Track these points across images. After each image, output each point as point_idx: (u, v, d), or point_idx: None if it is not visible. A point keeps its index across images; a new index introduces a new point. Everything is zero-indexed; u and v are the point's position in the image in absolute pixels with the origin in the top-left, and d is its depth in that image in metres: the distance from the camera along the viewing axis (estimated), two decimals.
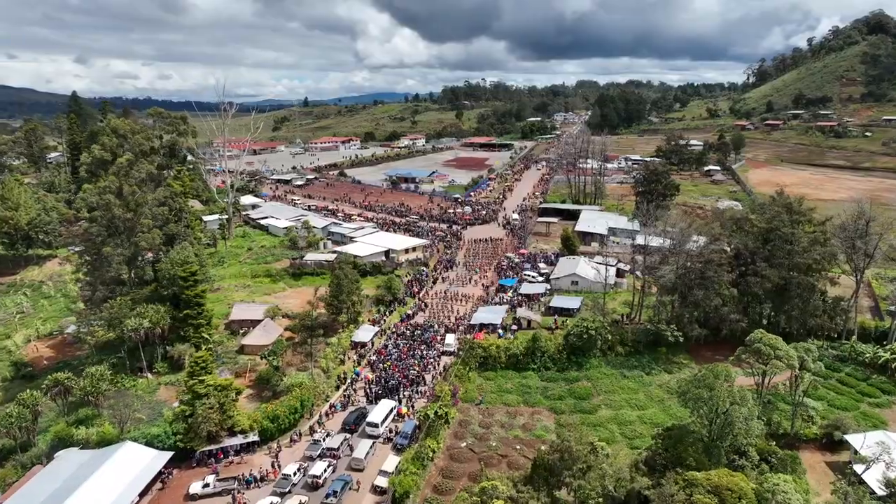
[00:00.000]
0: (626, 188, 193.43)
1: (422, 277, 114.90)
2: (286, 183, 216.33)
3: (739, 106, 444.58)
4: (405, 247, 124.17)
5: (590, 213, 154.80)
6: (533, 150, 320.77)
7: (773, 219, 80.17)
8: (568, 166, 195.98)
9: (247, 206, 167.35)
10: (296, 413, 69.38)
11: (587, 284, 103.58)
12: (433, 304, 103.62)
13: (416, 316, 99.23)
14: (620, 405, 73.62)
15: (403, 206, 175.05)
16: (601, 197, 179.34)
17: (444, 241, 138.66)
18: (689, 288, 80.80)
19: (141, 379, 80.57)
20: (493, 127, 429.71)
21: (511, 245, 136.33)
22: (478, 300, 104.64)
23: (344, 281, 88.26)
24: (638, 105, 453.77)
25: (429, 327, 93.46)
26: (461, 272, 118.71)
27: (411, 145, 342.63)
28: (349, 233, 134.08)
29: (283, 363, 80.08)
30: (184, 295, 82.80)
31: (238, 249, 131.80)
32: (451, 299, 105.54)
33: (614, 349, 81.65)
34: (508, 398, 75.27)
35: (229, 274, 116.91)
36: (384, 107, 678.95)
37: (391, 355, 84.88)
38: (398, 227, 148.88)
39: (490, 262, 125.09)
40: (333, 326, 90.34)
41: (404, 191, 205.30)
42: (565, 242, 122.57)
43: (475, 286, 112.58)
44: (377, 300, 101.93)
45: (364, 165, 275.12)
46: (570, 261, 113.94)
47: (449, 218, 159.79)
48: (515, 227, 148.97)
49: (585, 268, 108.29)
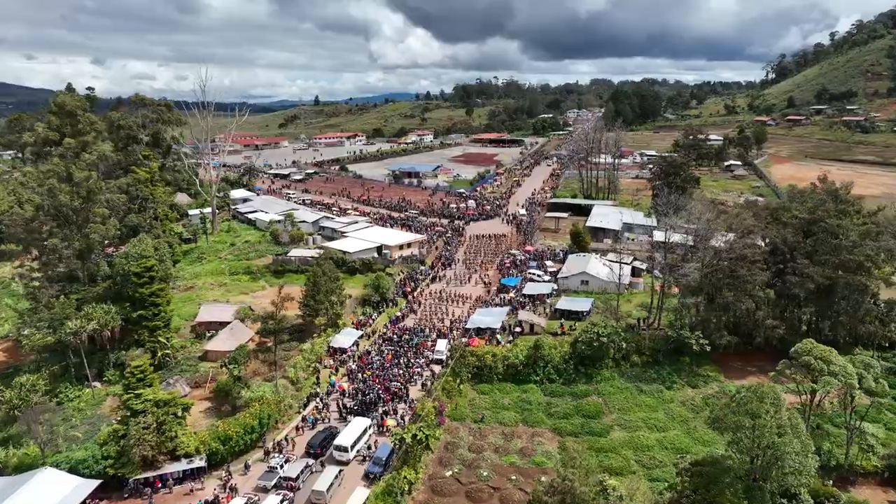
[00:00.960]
0: (642, 183, 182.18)
1: (416, 276, 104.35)
2: (284, 177, 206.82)
3: (759, 102, 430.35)
4: (399, 242, 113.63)
5: (602, 207, 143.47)
6: (544, 146, 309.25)
7: (817, 208, 68.73)
8: (580, 161, 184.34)
9: (237, 199, 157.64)
10: (252, 433, 58.95)
11: (599, 284, 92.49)
12: (427, 306, 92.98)
13: (406, 318, 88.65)
14: (636, 426, 62.58)
15: (404, 200, 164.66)
16: (615, 192, 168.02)
17: (443, 236, 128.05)
18: (718, 289, 69.61)
19: (88, 389, 70.65)
20: (503, 124, 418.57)
21: (516, 241, 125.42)
22: (476, 301, 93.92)
23: (321, 279, 77.81)
24: (653, 101, 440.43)
25: (419, 332, 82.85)
26: (460, 270, 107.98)
27: (418, 141, 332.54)
28: (340, 227, 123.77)
29: (247, 372, 69.77)
30: (137, 293, 72.78)
31: (220, 245, 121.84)
32: (447, 300, 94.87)
33: (629, 359, 70.62)
34: (505, 416, 64.45)
35: (206, 271, 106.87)
36: (394, 105, 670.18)
37: (372, 364, 74.37)
38: (395, 223, 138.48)
39: (492, 259, 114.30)
40: (310, 330, 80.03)
41: (406, 186, 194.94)
42: (575, 238, 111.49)
43: (475, 286, 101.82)
44: (363, 300, 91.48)
45: (368, 161, 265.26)
46: (580, 258, 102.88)
47: (451, 213, 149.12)
48: (522, 222, 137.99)
49: (597, 266, 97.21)
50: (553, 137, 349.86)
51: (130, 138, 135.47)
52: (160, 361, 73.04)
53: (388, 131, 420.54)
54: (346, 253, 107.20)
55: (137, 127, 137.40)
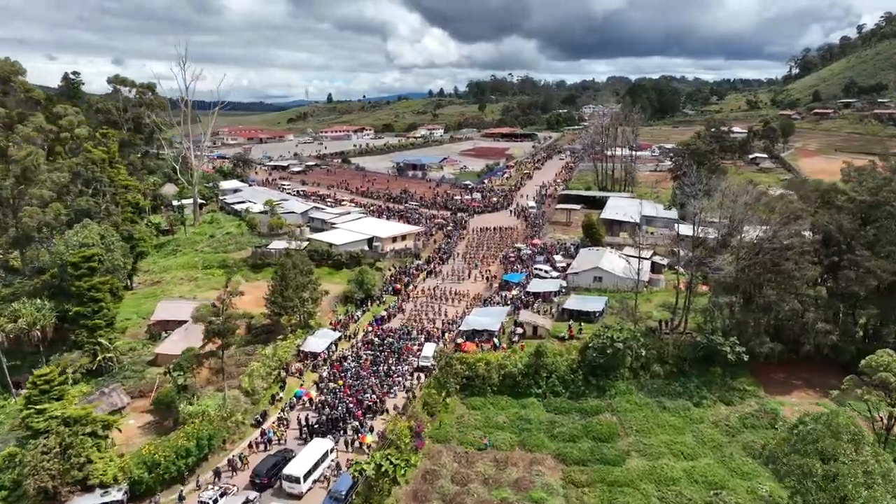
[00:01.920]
0: (661, 175, 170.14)
1: (409, 271, 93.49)
2: (283, 169, 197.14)
3: (782, 97, 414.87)
4: (392, 234, 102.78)
5: (618, 199, 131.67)
6: (558, 140, 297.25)
7: (880, 189, 56.73)
8: (595, 153, 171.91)
9: (227, 190, 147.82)
10: (188, 456, 48.32)
11: (613, 281, 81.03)
12: (418, 304, 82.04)
13: (392, 318, 77.78)
14: (659, 452, 51.18)
15: (406, 192, 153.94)
16: (632, 184, 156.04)
17: (443, 229, 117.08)
18: (757, 286, 57.98)
19: (13, 399, 60.55)
20: (517, 119, 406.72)
21: (524, 235, 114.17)
22: (474, 300, 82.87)
23: (290, 273, 67.08)
24: (672, 96, 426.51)
25: (405, 334, 71.93)
26: (459, 265, 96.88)
27: (428, 136, 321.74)
28: (330, 218, 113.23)
29: (198, 381, 59.27)
30: (74, 287, 62.57)
31: (200, 236, 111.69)
32: (442, 298, 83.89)
33: (650, 368, 59.16)
34: (499, 437, 53.31)
35: (177, 264, 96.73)
36: (407, 102, 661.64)
37: (347, 371, 63.55)
38: (393, 214, 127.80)
39: (496, 254, 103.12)
40: (280, 331, 69.41)
41: (410, 178, 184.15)
42: (588, 231, 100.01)
43: (474, 282, 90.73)
44: (345, 298, 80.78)
45: (374, 154, 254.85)
46: (593, 252, 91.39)
47: (454, 205, 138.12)
48: (530, 215, 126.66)
49: (612, 260, 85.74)
50: (567, 132, 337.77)
51: (110, 123, 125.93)
52: (100, 366, 62.84)
53: (399, 127, 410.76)
54: (332, 245, 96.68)
55: (117, 111, 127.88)
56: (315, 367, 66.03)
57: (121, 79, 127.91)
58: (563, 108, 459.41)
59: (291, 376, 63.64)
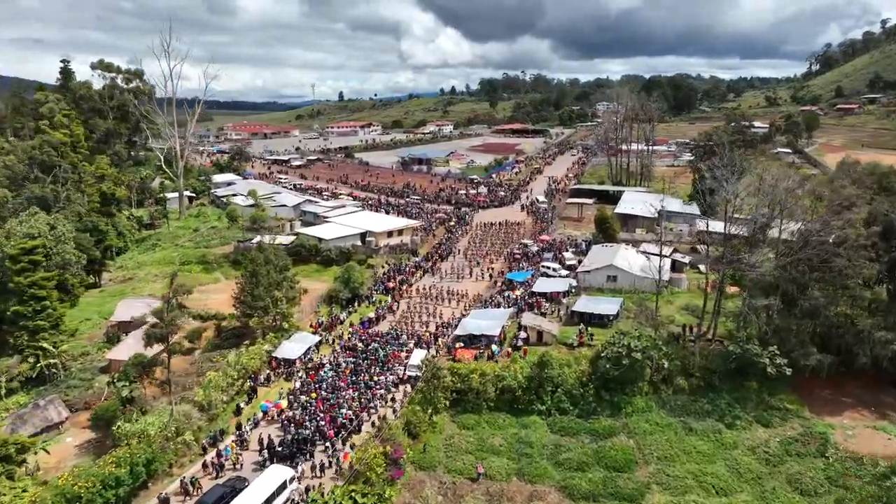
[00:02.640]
0: (678, 170, 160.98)
1: (404, 268, 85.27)
2: (284, 163, 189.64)
3: (803, 93, 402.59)
4: (387, 229, 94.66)
5: (634, 193, 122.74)
6: (570, 136, 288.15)
7: None
8: (609, 148, 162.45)
9: (221, 183, 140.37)
10: (119, 486, 40.33)
11: (629, 281, 72.37)
12: (411, 305, 73.75)
13: (382, 321, 69.56)
14: (685, 485, 42.67)
15: (409, 187, 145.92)
16: (648, 178, 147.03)
17: (445, 224, 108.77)
18: (801, 287, 49.19)
19: None
20: (528, 115, 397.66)
21: (531, 231, 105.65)
22: (474, 300, 74.47)
23: (262, 269, 59.05)
24: (688, 92, 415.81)
25: (393, 338, 63.69)
26: (459, 263, 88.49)
27: (437, 132, 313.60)
28: (323, 212, 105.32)
29: (148, 392, 51.48)
30: (13, 283, 54.94)
31: (184, 230, 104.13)
32: (438, 298, 75.55)
33: (672, 382, 50.49)
34: (494, 464, 44.95)
35: (154, 260, 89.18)
36: (419, 100, 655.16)
37: (322, 381, 55.42)
38: (392, 208, 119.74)
39: (500, 250, 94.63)
40: (251, 335, 61.47)
41: (415, 172, 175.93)
42: (601, 226, 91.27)
43: (476, 281, 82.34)
44: (329, 297, 72.70)
45: (380, 149, 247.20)
46: (607, 249, 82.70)
47: (459, 199, 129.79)
48: (539, 210, 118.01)
49: (627, 257, 77.05)
50: (580, 128, 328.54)
51: (94, 112, 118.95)
52: (42, 373, 55.17)
53: (409, 124, 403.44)
54: (321, 240, 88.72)
55: (102, 98, 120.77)
56: (290, 376, 58.02)
57: (105, 64, 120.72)
58: (576, 105, 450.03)
59: (262, 386, 55.63)
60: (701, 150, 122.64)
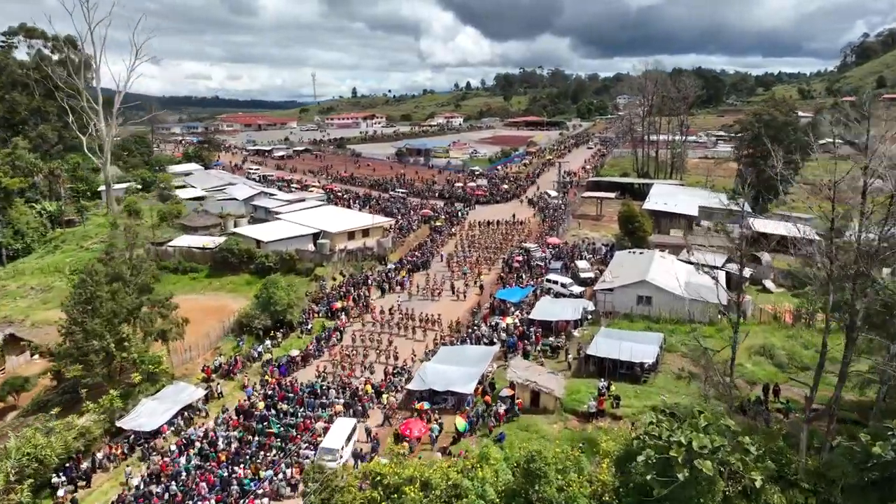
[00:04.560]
0: (715, 163, 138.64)
1: (362, 280, 64.00)
2: (266, 154, 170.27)
3: (839, 85, 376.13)
4: (348, 228, 73.45)
5: (665, 187, 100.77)
6: (588, 129, 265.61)
7: None
8: (634, 138, 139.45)
9: (178, 174, 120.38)
10: None
11: (669, 303, 50.67)
12: (359, 337, 52.30)
13: (309, 361, 48.32)
14: None
15: (398, 179, 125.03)
16: (681, 171, 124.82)
17: (430, 222, 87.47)
18: None
19: None
20: (545, 108, 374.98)
21: (538, 232, 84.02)
22: (451, 329, 52.95)
23: (102, 291, 37.99)
24: (715, 83, 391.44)
25: (312, 393, 42.35)
26: (440, 273, 67.02)
27: (444, 124, 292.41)
28: (275, 207, 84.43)
29: None
30: None
31: (101, 229, 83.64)
32: (400, 326, 54.14)
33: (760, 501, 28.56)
34: None
35: (37, 267, 68.75)
36: (432, 96, 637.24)
37: (176, 477, 34.25)
38: (370, 203, 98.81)
39: (495, 256, 73.06)
40: (101, 385, 40.54)
41: (412, 164, 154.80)
42: (627, 225, 69.48)
43: (456, 300, 60.89)
44: (241, 326, 51.66)
45: (380, 141, 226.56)
46: (636, 258, 60.82)
47: (453, 193, 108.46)
48: (548, 206, 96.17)
49: (666, 269, 55.23)
50: (599, 121, 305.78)
51: (12, 84, 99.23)
52: None
53: (419, 117, 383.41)
54: (259, 243, 67.88)
55: (24, 69, 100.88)
56: (145, 457, 37.07)
57: (27, 28, 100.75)
58: (595, 98, 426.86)
59: (81, 480, 34.65)
60: (749, 135, 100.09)
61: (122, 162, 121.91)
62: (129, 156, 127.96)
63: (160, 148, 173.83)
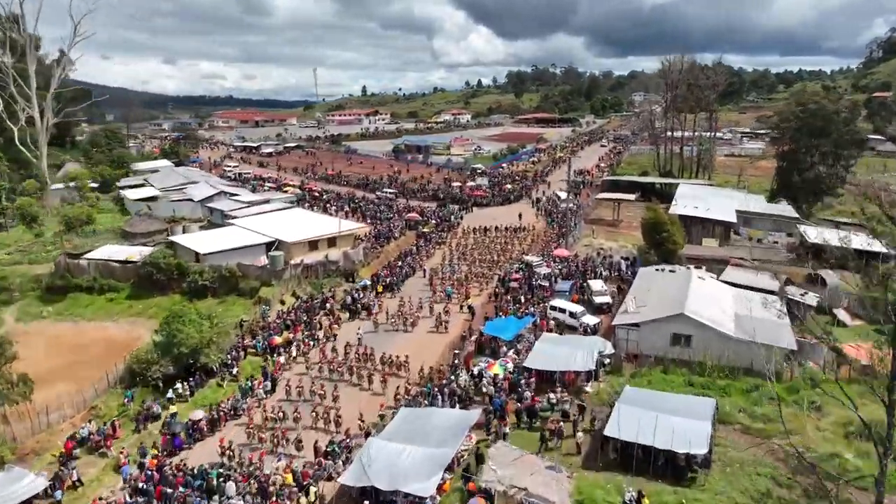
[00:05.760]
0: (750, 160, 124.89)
1: (318, 304, 50.75)
2: (253, 150, 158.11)
3: (866, 81, 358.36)
4: (308, 237, 60.03)
5: (692, 187, 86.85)
6: (602, 127, 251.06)
7: None
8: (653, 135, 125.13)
9: (143, 171, 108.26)
10: None
11: (716, 345, 37.00)
12: (295, 388, 38.88)
13: (217, 428, 35.06)
14: None
15: (391, 177, 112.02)
16: (710, 169, 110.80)
17: (418, 227, 74.28)
18: None
19: None
20: (557, 105, 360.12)
21: (544, 240, 70.44)
22: (420, 379, 39.53)
23: None
24: (734, 78, 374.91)
25: (209, 491, 29.09)
26: (417, 295, 53.64)
27: (451, 120, 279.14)
28: (233, 210, 71.33)
29: None
30: None
31: (29, 236, 70.95)
32: (354, 372, 40.67)
33: None
34: None
35: None
36: (443, 94, 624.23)
37: None
38: (350, 204, 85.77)
39: (489, 271, 59.48)
40: None
41: (409, 161, 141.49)
42: (652, 234, 55.60)
43: (437, 331, 47.49)
44: (133, 375, 38.48)
45: (381, 138, 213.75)
46: (666, 278, 47.05)
47: (447, 194, 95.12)
48: (558, 209, 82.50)
49: (709, 296, 41.51)
50: (614, 118, 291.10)
51: None
52: None
53: (427, 114, 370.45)
54: (200, 256, 54.90)
55: None
56: None
57: None
58: (609, 94, 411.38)
59: None
60: (792, 128, 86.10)
61: (83, 158, 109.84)
62: (98, 151, 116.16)
63: (140, 143, 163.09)
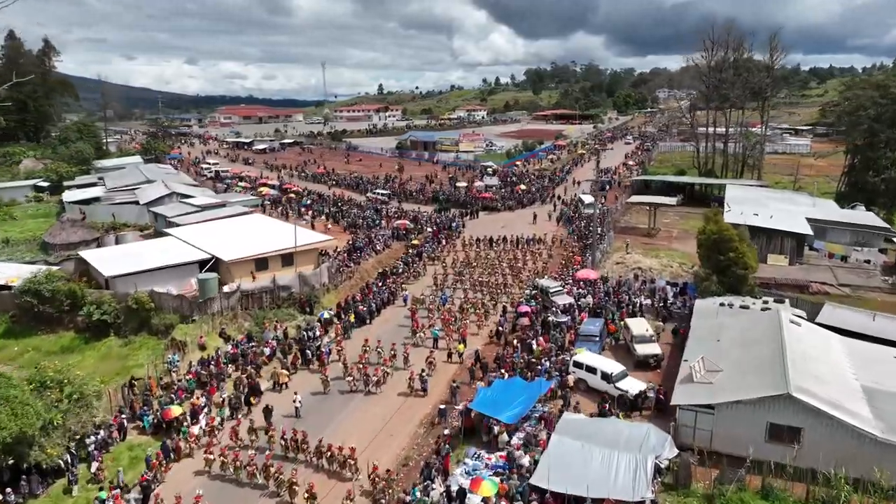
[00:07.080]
0: (816, 157, 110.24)
1: (251, 350, 36.79)
2: (246, 147, 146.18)
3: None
4: (255, 254, 45.77)
5: (743, 189, 71.57)
6: (626, 123, 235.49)
7: None
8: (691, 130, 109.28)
9: (107, 168, 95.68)
10: None
11: (840, 446, 22.34)
12: (173, 499, 25.13)
13: None
14: None
15: (388, 176, 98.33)
16: (759, 168, 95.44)
17: (406, 240, 60.14)
18: None
19: None
20: (577, 102, 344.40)
21: (563, 256, 55.91)
22: (377, 484, 25.41)
23: None
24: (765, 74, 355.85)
25: None
26: (398, 329, 39.53)
27: (465, 117, 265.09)
28: (176, 216, 57.47)
29: None
30: None
31: None
32: (269, 475, 26.67)
33: None
34: None
35: None
36: (460, 92, 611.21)
37: None
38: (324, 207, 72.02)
39: (494, 301, 45.11)
40: None
41: (414, 159, 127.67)
42: (713, 252, 40.53)
43: (412, 394, 33.36)
44: None
45: (388, 135, 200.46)
46: (742, 321, 32.29)
47: (449, 197, 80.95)
48: (581, 216, 67.76)
49: (815, 354, 26.77)
50: (638, 115, 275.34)
51: None
52: None
53: (441, 111, 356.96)
54: (107, 280, 41.15)
55: None
56: None
57: None
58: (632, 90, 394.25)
59: None
60: (866, 119, 70.86)
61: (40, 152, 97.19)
62: (65, 147, 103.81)
63: (126, 140, 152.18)
